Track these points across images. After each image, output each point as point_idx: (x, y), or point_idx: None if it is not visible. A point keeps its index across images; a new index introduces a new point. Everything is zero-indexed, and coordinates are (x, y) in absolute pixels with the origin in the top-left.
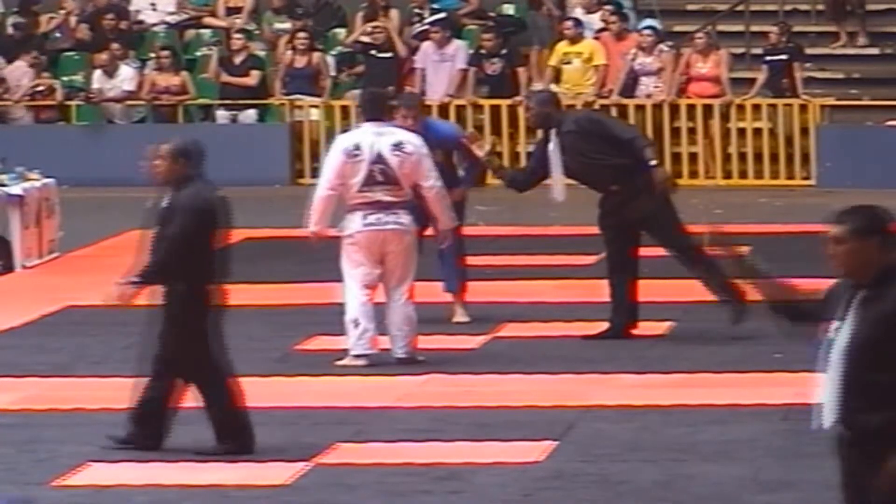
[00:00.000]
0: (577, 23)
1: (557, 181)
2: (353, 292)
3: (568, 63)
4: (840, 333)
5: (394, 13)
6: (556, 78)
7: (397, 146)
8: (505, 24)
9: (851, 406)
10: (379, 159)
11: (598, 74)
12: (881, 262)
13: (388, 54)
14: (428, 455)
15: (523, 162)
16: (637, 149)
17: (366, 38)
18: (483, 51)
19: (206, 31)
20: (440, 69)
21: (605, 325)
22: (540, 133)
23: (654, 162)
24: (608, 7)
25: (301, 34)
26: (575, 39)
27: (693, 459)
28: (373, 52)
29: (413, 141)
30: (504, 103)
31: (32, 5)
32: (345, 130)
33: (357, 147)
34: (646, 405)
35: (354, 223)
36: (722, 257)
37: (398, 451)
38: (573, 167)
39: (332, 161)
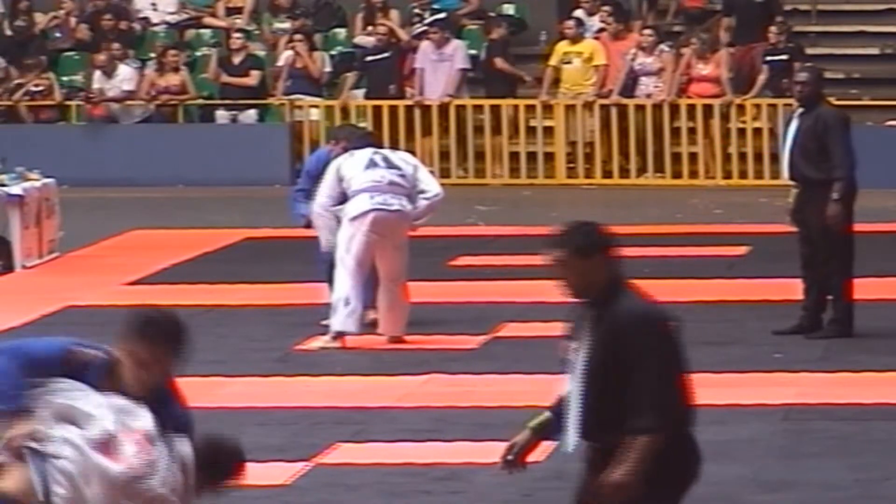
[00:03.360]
0: (579, 22)
1: (785, 158)
2: (349, 271)
3: (568, 63)
4: (577, 355)
5: (394, 13)
6: (556, 78)
7: (395, 154)
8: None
9: (596, 424)
10: (378, 153)
11: (598, 74)
12: (606, 279)
13: (387, 55)
14: (428, 455)
15: (523, 162)
16: (833, 178)
17: (364, 40)
18: (494, 45)
19: (206, 31)
20: (438, 69)
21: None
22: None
23: (836, 196)
24: (606, 8)
25: (298, 35)
26: (575, 39)
27: None
28: (371, 53)
29: (407, 154)
30: (504, 103)
31: (18, 3)
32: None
33: (352, 154)
34: None
35: (363, 203)
36: None
37: (398, 451)
38: (794, 151)
39: (327, 180)
